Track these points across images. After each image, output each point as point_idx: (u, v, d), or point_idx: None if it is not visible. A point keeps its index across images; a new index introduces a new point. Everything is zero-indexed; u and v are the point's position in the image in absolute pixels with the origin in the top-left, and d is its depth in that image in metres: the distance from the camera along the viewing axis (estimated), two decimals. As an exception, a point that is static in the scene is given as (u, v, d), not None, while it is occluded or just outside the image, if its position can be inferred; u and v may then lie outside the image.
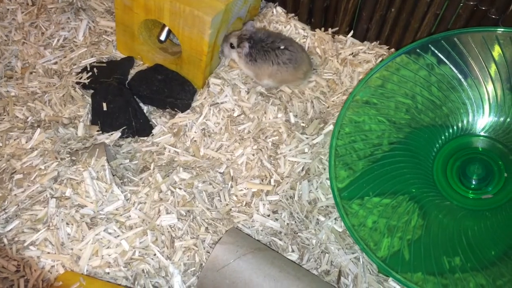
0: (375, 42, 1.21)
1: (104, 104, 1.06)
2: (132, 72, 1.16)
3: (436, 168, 0.94)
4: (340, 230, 0.96)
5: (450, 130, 0.94)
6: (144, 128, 1.07)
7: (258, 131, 1.06)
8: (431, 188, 0.93)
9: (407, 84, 0.94)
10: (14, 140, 1.02)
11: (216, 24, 1.02)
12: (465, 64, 0.91)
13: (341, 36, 1.23)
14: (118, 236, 0.90)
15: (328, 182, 0.99)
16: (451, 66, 0.92)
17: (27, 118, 1.07)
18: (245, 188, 0.99)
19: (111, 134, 1.06)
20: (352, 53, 1.20)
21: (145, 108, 1.11)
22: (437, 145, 0.95)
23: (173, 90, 1.10)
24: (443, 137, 0.95)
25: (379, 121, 0.95)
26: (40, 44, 1.20)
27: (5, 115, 1.08)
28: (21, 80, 1.14)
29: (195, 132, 1.07)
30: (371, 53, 1.19)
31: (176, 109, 1.11)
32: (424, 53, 0.93)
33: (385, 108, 0.95)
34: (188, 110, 1.11)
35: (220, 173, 1.02)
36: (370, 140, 0.95)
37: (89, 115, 1.08)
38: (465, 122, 0.94)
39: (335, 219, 0.97)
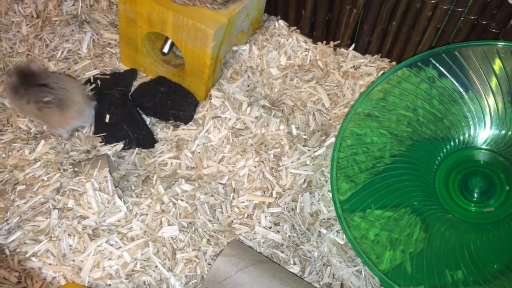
0: (376, 55, 1.22)
1: (107, 116, 1.07)
2: (135, 84, 1.17)
3: (438, 181, 0.94)
4: (342, 242, 0.96)
5: (452, 143, 0.95)
6: (146, 140, 1.08)
7: (260, 143, 1.07)
8: (433, 201, 0.93)
9: (409, 97, 0.95)
10: (17, 151, 1.03)
11: (218, 37, 1.03)
12: (466, 77, 0.92)
13: (342, 49, 1.23)
14: (119, 247, 0.90)
15: (330, 194, 0.99)
16: (452, 79, 0.93)
17: (30, 129, 1.07)
18: (247, 200, 1.00)
19: (114, 146, 1.06)
20: (354, 66, 1.20)
21: (148, 120, 1.12)
22: (439, 158, 0.95)
23: (175, 102, 1.10)
24: (444, 150, 0.95)
25: (380, 134, 0.96)
26: (44, 56, 1.21)
27: (8, 126, 1.08)
28: (25, 91, 1.15)
29: (197, 144, 1.07)
30: (372, 66, 1.19)
31: (178, 121, 1.11)
32: (425, 66, 0.93)
33: (387, 121, 0.96)
34: (191, 122, 1.11)
35: (222, 184, 1.02)
36: (372, 152, 0.95)
37: (92, 127, 1.09)
38: (466, 135, 0.94)
39: (337, 231, 0.97)
